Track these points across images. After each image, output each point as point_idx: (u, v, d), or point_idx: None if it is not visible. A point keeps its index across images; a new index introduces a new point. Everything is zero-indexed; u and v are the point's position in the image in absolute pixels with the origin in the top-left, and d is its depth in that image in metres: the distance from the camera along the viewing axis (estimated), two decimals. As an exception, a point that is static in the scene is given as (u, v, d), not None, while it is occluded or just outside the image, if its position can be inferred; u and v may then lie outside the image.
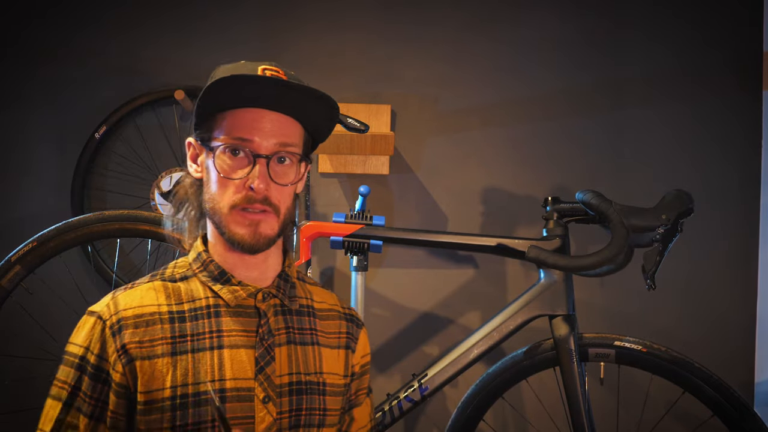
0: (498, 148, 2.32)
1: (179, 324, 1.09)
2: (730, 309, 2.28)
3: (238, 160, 1.09)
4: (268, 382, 1.10)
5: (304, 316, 1.20)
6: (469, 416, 1.81)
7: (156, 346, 1.07)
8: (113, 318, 1.08)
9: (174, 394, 1.05)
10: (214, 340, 1.09)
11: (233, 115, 1.09)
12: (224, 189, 1.09)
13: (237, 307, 1.13)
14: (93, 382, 1.06)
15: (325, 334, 1.21)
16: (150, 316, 1.09)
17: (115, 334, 1.07)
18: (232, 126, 1.09)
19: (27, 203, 2.28)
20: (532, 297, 1.78)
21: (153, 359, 1.06)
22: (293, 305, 1.18)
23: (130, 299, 1.10)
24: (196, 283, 1.14)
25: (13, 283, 1.68)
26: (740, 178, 2.29)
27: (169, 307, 1.10)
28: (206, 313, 1.11)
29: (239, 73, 1.07)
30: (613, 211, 1.68)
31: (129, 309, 1.09)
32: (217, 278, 1.13)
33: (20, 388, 2.11)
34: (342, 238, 1.80)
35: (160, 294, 1.12)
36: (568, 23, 2.32)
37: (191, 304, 1.12)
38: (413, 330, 2.30)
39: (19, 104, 2.28)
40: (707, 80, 2.31)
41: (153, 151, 2.28)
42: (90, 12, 2.29)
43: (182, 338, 1.08)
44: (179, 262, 1.18)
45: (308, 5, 2.32)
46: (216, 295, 1.13)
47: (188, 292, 1.13)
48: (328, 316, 1.24)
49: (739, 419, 1.68)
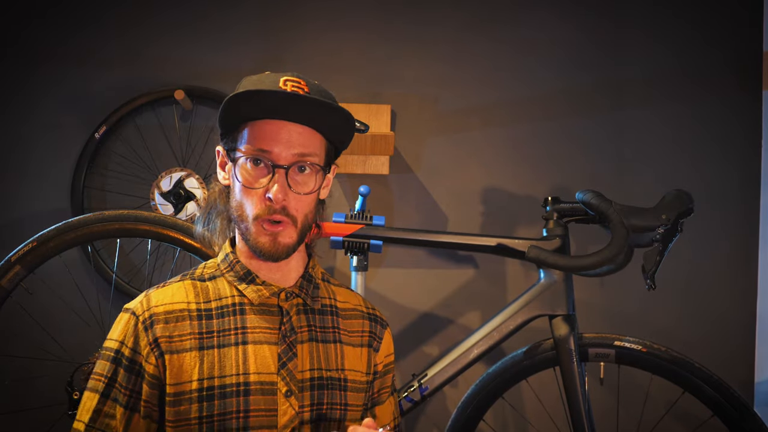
0: (498, 148, 2.32)
1: (206, 321, 1.16)
2: (730, 309, 2.28)
3: (259, 170, 1.14)
4: (290, 377, 1.16)
5: (327, 315, 1.25)
6: (469, 416, 1.81)
7: (185, 340, 1.14)
8: (146, 314, 1.15)
9: (201, 386, 1.12)
10: (239, 336, 1.15)
11: (255, 127, 1.15)
12: (247, 198, 1.15)
13: (261, 306, 1.19)
14: (128, 374, 1.13)
15: (347, 332, 1.26)
16: (179, 313, 1.16)
17: (148, 328, 1.14)
18: (254, 137, 1.14)
19: (27, 203, 2.27)
20: (532, 297, 1.78)
21: (181, 353, 1.13)
22: (315, 305, 1.23)
23: (161, 296, 1.17)
24: (223, 283, 1.21)
25: (13, 283, 1.68)
26: (740, 178, 2.29)
27: (197, 305, 1.17)
28: (232, 311, 1.17)
29: (258, 88, 1.12)
30: (613, 211, 1.68)
31: (160, 305, 1.16)
32: (242, 278, 1.19)
33: (20, 388, 2.11)
34: (342, 238, 1.80)
35: (190, 292, 1.19)
36: (568, 23, 2.32)
37: (218, 302, 1.18)
38: (413, 330, 2.30)
39: (19, 104, 2.28)
40: (707, 80, 2.31)
41: (153, 151, 2.28)
42: (90, 12, 2.29)
43: (209, 334, 1.15)
44: (209, 263, 1.25)
45: (308, 5, 2.31)
46: (241, 293, 1.19)
47: (216, 291, 1.20)
48: (352, 315, 1.28)
49: (739, 419, 1.68)
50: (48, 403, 1.95)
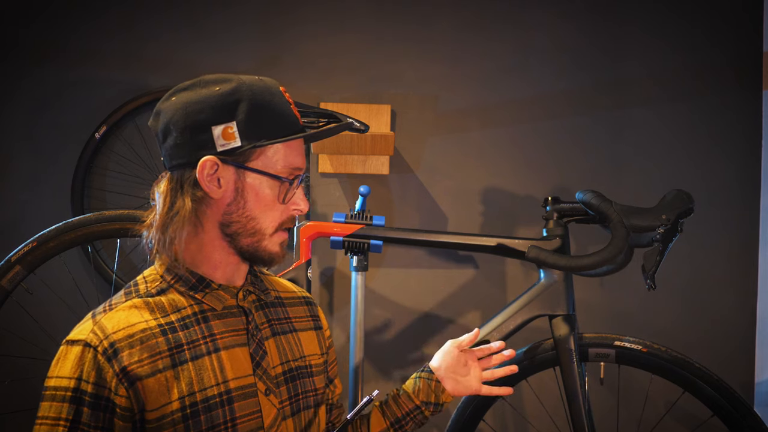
0: (498, 148, 2.32)
1: (172, 335, 1.09)
2: (730, 309, 2.28)
3: (285, 186, 1.14)
4: (266, 375, 1.15)
5: (278, 306, 1.26)
6: (469, 416, 1.81)
7: (156, 361, 1.07)
8: (104, 343, 1.05)
9: (183, 404, 1.06)
10: (210, 344, 1.11)
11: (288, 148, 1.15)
12: (269, 211, 1.14)
13: (222, 309, 1.16)
14: (94, 412, 1.03)
15: (297, 319, 1.29)
16: (142, 333, 1.07)
17: (111, 358, 1.04)
18: (287, 157, 1.14)
19: (27, 203, 2.27)
20: (532, 297, 1.78)
21: (156, 375, 1.06)
22: (268, 297, 1.24)
23: (116, 321, 1.08)
24: (175, 294, 1.14)
25: (13, 283, 1.68)
26: (740, 178, 2.29)
27: (157, 321, 1.10)
28: (195, 320, 1.13)
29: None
30: (613, 211, 1.68)
31: (119, 330, 1.07)
32: (195, 286, 1.14)
33: (20, 388, 2.11)
34: (342, 238, 1.80)
35: (144, 311, 1.11)
36: (568, 23, 2.32)
37: (177, 314, 1.12)
38: (413, 330, 2.30)
39: (19, 104, 2.28)
40: (707, 80, 2.31)
41: (153, 151, 2.28)
42: (90, 12, 2.29)
43: (178, 348, 1.09)
44: (148, 277, 1.17)
45: (308, 5, 2.31)
46: (199, 301, 1.14)
47: (171, 303, 1.13)
48: (294, 302, 1.31)
49: (739, 419, 1.68)
50: (48, 403, 1.94)
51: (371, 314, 2.29)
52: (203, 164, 1.09)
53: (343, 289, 2.28)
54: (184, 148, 1.10)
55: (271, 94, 1.13)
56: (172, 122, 1.10)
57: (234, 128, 1.10)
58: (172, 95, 1.12)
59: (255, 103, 1.10)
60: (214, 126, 1.09)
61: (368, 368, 2.29)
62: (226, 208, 1.13)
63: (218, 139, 1.09)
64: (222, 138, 1.09)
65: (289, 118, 1.14)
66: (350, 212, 1.83)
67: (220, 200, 1.12)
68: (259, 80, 1.15)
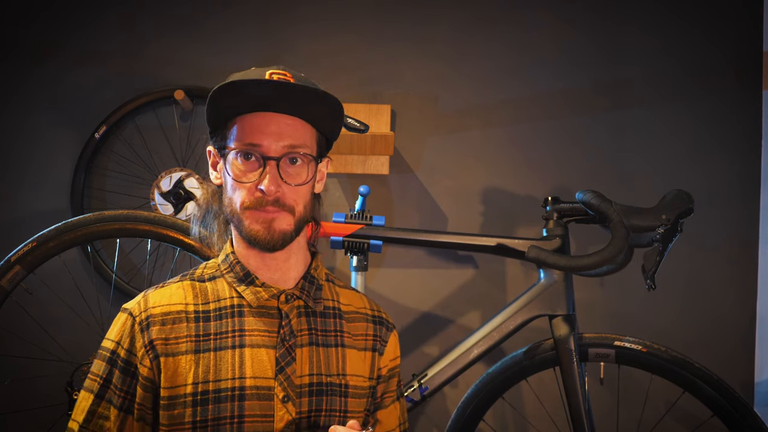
0: (498, 148, 2.32)
1: (203, 323, 1.14)
2: (730, 309, 2.28)
3: (250, 164, 1.13)
4: (288, 382, 1.14)
5: (329, 317, 1.22)
6: (469, 416, 1.81)
7: (180, 343, 1.12)
8: (142, 315, 1.13)
9: (195, 390, 1.10)
10: (236, 339, 1.14)
11: (243, 121, 1.13)
12: (238, 190, 1.14)
13: (260, 308, 1.16)
14: (123, 376, 1.12)
15: (351, 335, 1.23)
16: (177, 314, 1.14)
17: (144, 330, 1.12)
18: (242, 131, 1.13)
19: (27, 203, 2.27)
20: (532, 297, 1.78)
21: (177, 356, 1.11)
22: (318, 307, 1.21)
23: (159, 297, 1.16)
24: (222, 284, 1.19)
25: (13, 283, 1.68)
26: (740, 178, 2.29)
27: (195, 306, 1.16)
28: (230, 313, 1.16)
29: (243, 79, 1.10)
30: (613, 211, 1.68)
31: (158, 306, 1.14)
32: (242, 279, 1.18)
33: (20, 388, 2.11)
34: (342, 238, 1.80)
35: (188, 293, 1.17)
36: (568, 23, 2.32)
37: (216, 303, 1.17)
38: (413, 330, 2.30)
39: (19, 104, 2.28)
40: (707, 80, 2.31)
41: (153, 151, 2.28)
42: (90, 12, 2.29)
43: (206, 337, 1.13)
44: (210, 263, 1.24)
45: (308, 5, 2.31)
46: (240, 295, 1.17)
47: (214, 292, 1.18)
48: (356, 318, 1.25)
49: (739, 419, 1.68)
50: (48, 403, 1.95)
51: (371, 314, 2.28)
52: (208, 153, 1.19)
53: (343, 289, 2.28)
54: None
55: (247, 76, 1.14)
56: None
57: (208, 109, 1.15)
58: None
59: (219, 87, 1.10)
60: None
61: (368, 368, 2.29)
62: (224, 194, 1.18)
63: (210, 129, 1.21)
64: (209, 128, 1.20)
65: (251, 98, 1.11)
66: (350, 212, 1.83)
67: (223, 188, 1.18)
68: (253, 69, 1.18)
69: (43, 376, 2.10)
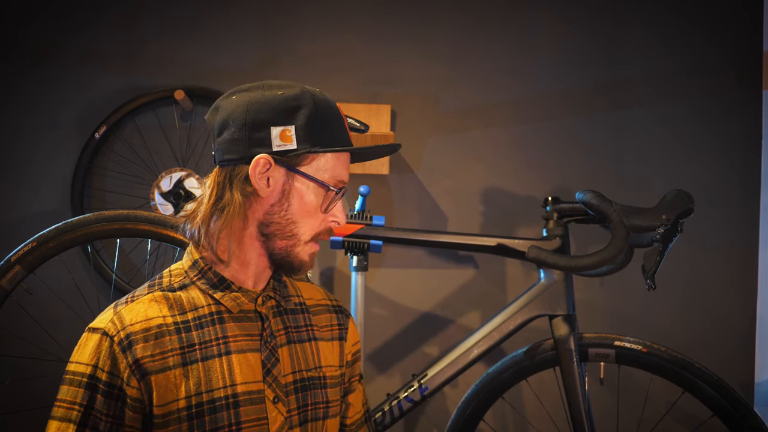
0: (498, 149, 2.32)
1: (186, 334, 1.12)
2: (730, 309, 2.28)
3: (329, 195, 1.17)
4: (275, 383, 1.15)
5: (299, 313, 1.25)
6: (469, 416, 1.81)
7: (167, 358, 1.09)
8: (121, 334, 1.09)
9: (189, 404, 1.08)
10: (221, 347, 1.13)
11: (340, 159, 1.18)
12: (308, 219, 1.16)
13: (239, 313, 1.16)
14: (107, 400, 1.07)
15: (319, 328, 1.27)
16: (158, 329, 1.11)
17: (126, 349, 1.08)
18: (338, 167, 1.18)
19: (27, 203, 2.28)
20: (532, 297, 1.78)
21: (166, 372, 1.09)
22: (288, 305, 1.23)
23: (134, 314, 1.11)
24: (195, 291, 1.16)
25: (13, 283, 1.67)
26: (740, 178, 2.29)
27: (173, 318, 1.13)
28: (210, 321, 1.14)
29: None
30: (613, 211, 1.68)
31: (136, 323, 1.10)
32: (216, 285, 1.16)
33: (20, 388, 2.11)
34: (342, 238, 1.80)
35: (163, 305, 1.14)
36: (568, 23, 2.32)
37: (194, 312, 1.14)
38: (413, 330, 2.30)
39: (19, 104, 2.28)
40: (707, 80, 2.31)
41: (153, 151, 2.28)
42: (90, 12, 2.29)
43: (191, 348, 1.11)
44: (174, 270, 1.20)
45: (308, 5, 2.32)
46: (217, 302, 1.16)
47: (190, 301, 1.15)
48: (319, 310, 1.29)
49: (739, 419, 1.68)
50: (48, 403, 1.94)
51: (371, 314, 2.29)
52: (257, 161, 1.13)
53: (343, 289, 2.28)
54: (240, 143, 1.13)
55: (330, 107, 1.17)
56: (231, 118, 1.13)
57: (292, 131, 1.13)
58: (232, 94, 1.16)
59: (315, 111, 1.13)
60: (273, 126, 1.12)
61: (368, 368, 2.29)
62: (270, 208, 1.15)
63: (275, 139, 1.13)
64: (279, 139, 1.13)
65: (342, 132, 1.18)
66: (350, 212, 1.83)
67: (265, 199, 1.15)
68: (320, 92, 1.19)
69: (43, 376, 2.10)
